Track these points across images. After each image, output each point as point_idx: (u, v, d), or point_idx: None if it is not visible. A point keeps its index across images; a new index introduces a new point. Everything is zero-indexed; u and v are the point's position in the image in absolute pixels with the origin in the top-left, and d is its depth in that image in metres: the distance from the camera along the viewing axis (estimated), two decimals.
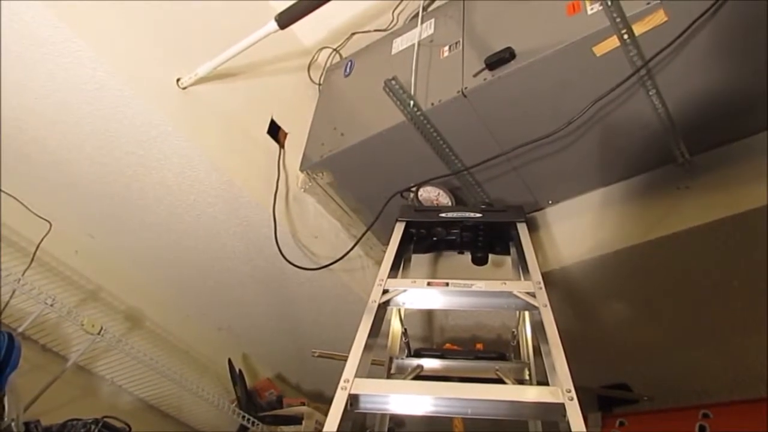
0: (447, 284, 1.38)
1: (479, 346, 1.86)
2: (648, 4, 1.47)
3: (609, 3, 1.47)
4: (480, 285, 1.37)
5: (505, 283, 1.37)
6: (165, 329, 2.54)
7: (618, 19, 1.48)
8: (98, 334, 1.98)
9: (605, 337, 2.36)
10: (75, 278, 2.22)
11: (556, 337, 1.20)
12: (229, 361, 2.60)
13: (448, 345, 1.97)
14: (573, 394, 1.05)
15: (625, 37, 1.51)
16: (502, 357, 1.60)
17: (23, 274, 1.91)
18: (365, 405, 1.13)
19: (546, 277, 1.98)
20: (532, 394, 1.12)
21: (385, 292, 1.40)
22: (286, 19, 1.69)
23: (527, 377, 1.54)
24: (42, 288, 1.90)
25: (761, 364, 2.17)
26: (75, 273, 2.22)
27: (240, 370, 2.61)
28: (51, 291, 1.96)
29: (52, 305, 1.87)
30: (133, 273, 2.44)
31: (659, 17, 1.48)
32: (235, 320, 2.73)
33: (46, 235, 2.06)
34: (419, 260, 2.11)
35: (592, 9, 1.57)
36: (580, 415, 1.01)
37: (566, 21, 1.61)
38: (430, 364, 1.56)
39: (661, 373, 2.47)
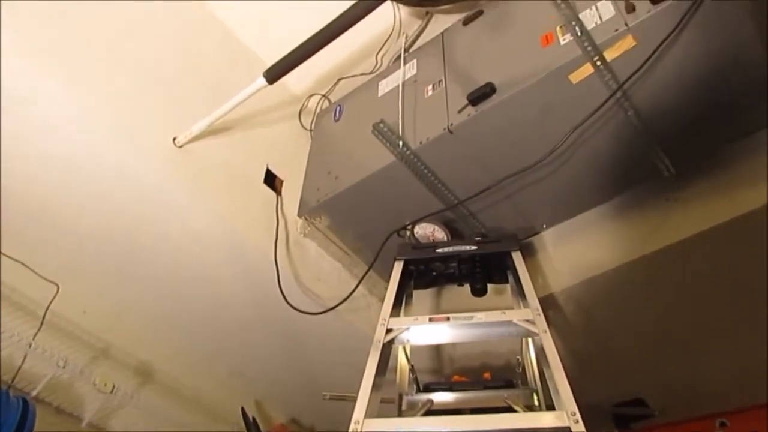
0: (448, 318, 1.41)
1: (487, 375, 1.87)
2: (616, 31, 1.54)
3: (579, 33, 1.55)
4: (480, 316, 1.40)
5: (504, 313, 1.41)
6: (176, 380, 2.54)
7: (589, 48, 1.56)
8: (111, 392, 1.99)
9: (615, 353, 2.37)
10: (85, 338, 2.23)
11: (557, 362, 1.23)
12: (243, 410, 2.60)
13: (456, 377, 1.99)
14: (578, 416, 1.08)
15: (598, 63, 1.58)
16: (509, 384, 1.62)
17: (34, 338, 1.93)
18: None
19: (548, 299, 2.04)
20: (538, 419, 1.15)
21: (388, 331, 1.43)
22: (274, 74, 1.75)
23: (536, 403, 1.55)
24: (53, 350, 1.93)
25: None
26: (85, 332, 2.23)
27: (254, 418, 2.61)
28: (62, 352, 1.98)
29: (64, 367, 1.90)
30: (142, 327, 2.45)
31: (628, 42, 1.55)
32: (245, 365, 2.74)
33: (55, 297, 2.08)
34: (422, 294, 2.15)
35: (564, 40, 1.64)
36: None
37: (541, 52, 1.68)
38: (440, 397, 1.58)
39: (675, 383, 2.46)
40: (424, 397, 1.56)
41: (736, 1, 1.46)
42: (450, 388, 1.59)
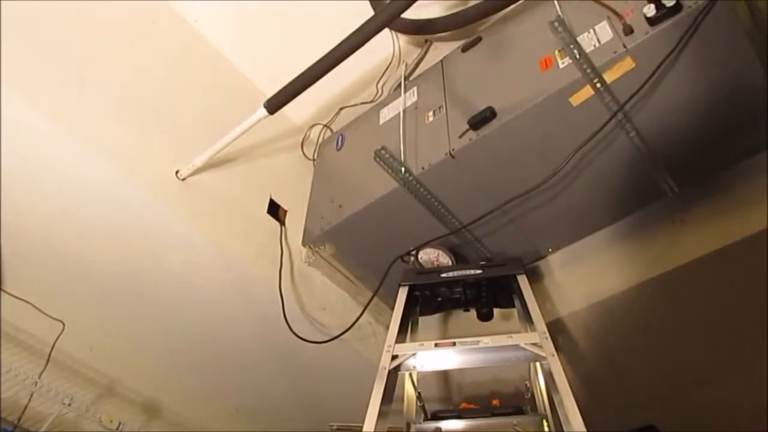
0: (454, 344, 1.40)
1: (496, 402, 1.84)
2: (615, 53, 1.55)
3: (578, 56, 1.55)
4: (487, 341, 1.39)
5: (511, 337, 1.39)
6: (183, 416, 2.52)
7: (588, 70, 1.56)
8: (117, 429, 1.97)
9: (626, 378, 2.32)
10: (91, 375, 2.22)
11: (566, 386, 1.21)
12: None
13: (464, 404, 1.96)
14: None
15: (598, 85, 1.59)
16: (519, 411, 1.60)
17: (40, 377, 1.92)
18: None
19: (556, 324, 2.02)
20: None
21: (394, 357, 1.41)
22: (274, 105, 1.76)
23: (546, 429, 1.52)
24: (59, 388, 1.92)
25: None
26: (91, 370, 2.22)
27: None
28: (68, 390, 1.97)
29: (70, 405, 1.88)
30: (148, 363, 2.44)
31: (627, 64, 1.56)
32: (251, 399, 2.71)
33: (60, 335, 2.07)
34: (428, 322, 2.13)
35: (563, 63, 1.65)
36: None
37: (541, 76, 1.69)
38: (448, 426, 1.56)
39: (689, 409, 2.42)
40: (433, 425, 1.54)
41: (734, 23, 1.47)
42: (458, 416, 1.56)
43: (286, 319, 1.99)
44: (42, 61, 1.66)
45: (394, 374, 1.40)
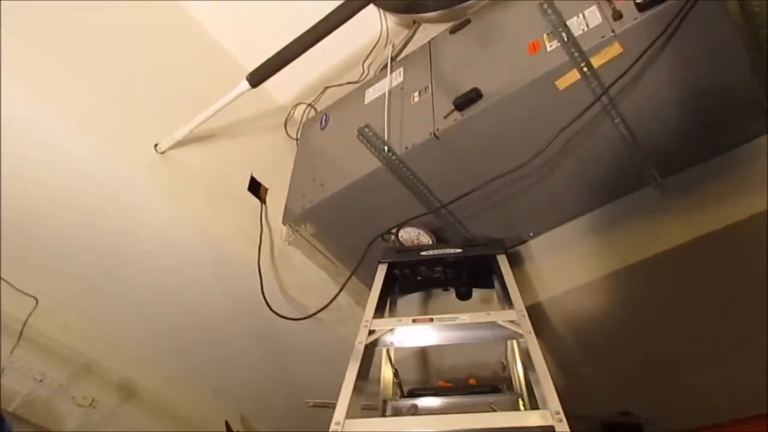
0: (432, 320, 1.39)
1: (472, 381, 1.85)
2: (603, 37, 1.54)
3: (566, 39, 1.54)
4: (464, 317, 1.38)
5: (489, 314, 1.39)
6: (160, 397, 2.49)
7: (576, 54, 1.56)
8: (90, 405, 1.95)
9: (602, 365, 2.34)
10: (65, 353, 2.18)
11: (542, 362, 1.21)
12: (227, 423, 2.55)
13: (441, 382, 1.96)
14: (562, 416, 1.06)
15: (585, 69, 1.58)
16: (495, 390, 1.60)
17: (11, 353, 1.88)
18: None
19: (535, 308, 2.02)
20: (522, 419, 1.13)
21: (371, 332, 1.40)
22: (257, 78, 1.74)
23: (521, 408, 1.53)
24: (31, 365, 1.88)
25: (759, 378, 2.16)
26: (65, 348, 2.18)
27: None
28: (41, 368, 1.94)
29: (42, 381, 1.85)
30: (124, 342, 2.40)
31: (615, 49, 1.55)
32: (230, 381, 2.69)
33: (33, 311, 2.04)
34: (407, 305, 2.12)
35: (551, 46, 1.64)
36: None
37: (528, 59, 1.68)
38: (424, 402, 1.55)
39: (662, 397, 2.44)
40: (409, 402, 1.53)
41: (723, 14, 1.47)
42: (435, 394, 1.56)
43: (264, 296, 1.97)
44: (19, 32, 1.61)
45: (371, 349, 1.39)
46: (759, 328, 1.99)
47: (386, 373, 1.68)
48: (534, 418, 1.07)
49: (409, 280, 1.84)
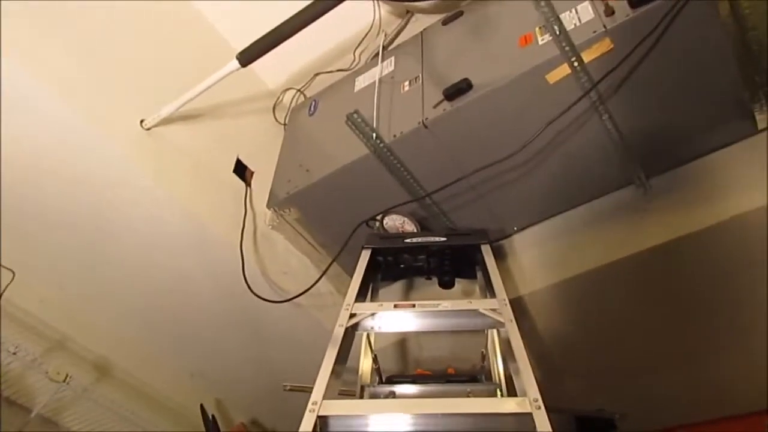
0: (414, 305, 1.39)
1: (451, 371, 1.85)
2: (594, 32, 1.55)
3: (558, 33, 1.55)
4: (446, 304, 1.38)
5: (470, 302, 1.39)
6: (135, 377, 2.47)
7: (567, 48, 1.56)
8: (63, 381, 1.93)
9: (579, 362, 2.35)
10: (40, 328, 2.15)
11: (522, 350, 1.21)
12: (202, 407, 2.52)
13: (419, 371, 1.96)
14: (540, 403, 1.06)
15: (575, 64, 1.58)
16: (473, 379, 1.61)
17: None
18: (335, 428, 1.12)
19: (516, 302, 2.02)
20: (501, 405, 1.13)
21: (352, 316, 1.40)
22: (247, 57, 1.72)
23: (499, 397, 1.53)
24: (6, 338, 1.85)
25: (730, 381, 2.19)
26: (40, 323, 2.15)
27: (213, 416, 2.54)
28: (15, 340, 1.91)
29: (15, 353, 1.82)
30: (101, 320, 2.38)
31: (606, 45, 1.56)
32: (207, 364, 2.68)
33: (9, 284, 2.01)
34: (390, 293, 2.13)
35: (542, 40, 1.65)
36: (548, 422, 1.02)
37: (519, 52, 1.69)
38: (402, 389, 1.56)
39: (637, 396, 2.46)
40: (387, 388, 1.53)
41: (713, 16, 1.49)
42: (413, 381, 1.56)
43: (245, 278, 1.95)
44: (6, 3, 1.57)
45: (351, 333, 1.38)
46: (738, 328, 2.02)
47: (365, 359, 1.68)
48: (511, 405, 1.08)
49: (392, 267, 1.84)
